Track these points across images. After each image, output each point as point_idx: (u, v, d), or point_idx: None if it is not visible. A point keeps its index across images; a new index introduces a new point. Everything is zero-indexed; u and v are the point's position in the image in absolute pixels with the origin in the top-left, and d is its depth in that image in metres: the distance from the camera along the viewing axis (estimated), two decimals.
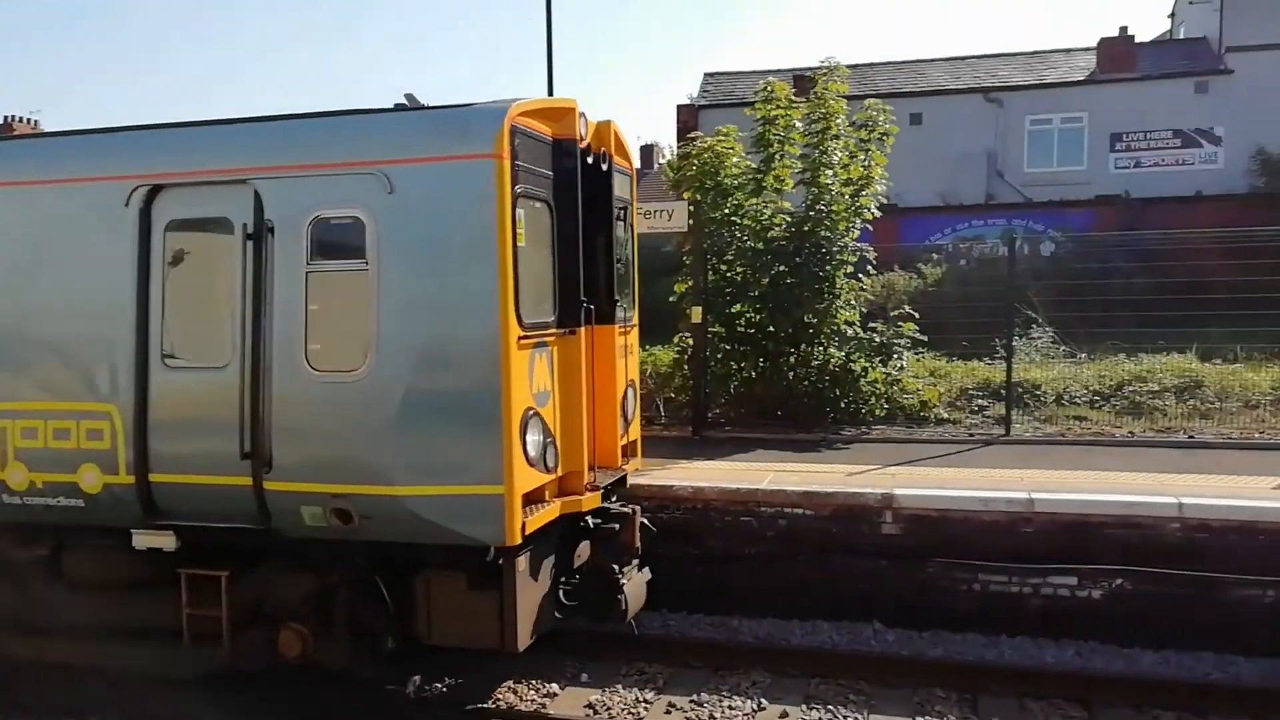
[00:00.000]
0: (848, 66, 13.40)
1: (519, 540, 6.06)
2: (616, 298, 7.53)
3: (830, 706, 6.95)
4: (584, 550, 7.13)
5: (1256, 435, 11.40)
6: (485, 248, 5.95)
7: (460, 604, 6.36)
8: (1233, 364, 13.60)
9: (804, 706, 6.97)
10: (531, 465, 6.23)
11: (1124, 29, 31.85)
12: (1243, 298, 13.12)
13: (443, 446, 6.06)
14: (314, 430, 6.24)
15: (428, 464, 6.05)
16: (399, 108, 6.78)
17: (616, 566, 7.19)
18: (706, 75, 33.29)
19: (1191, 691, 7.00)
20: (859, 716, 6.83)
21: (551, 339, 6.67)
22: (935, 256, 21.31)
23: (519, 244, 6.13)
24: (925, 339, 13.10)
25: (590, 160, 7.11)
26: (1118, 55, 29.38)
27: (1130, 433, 11.74)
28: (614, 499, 7.51)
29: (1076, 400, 12.83)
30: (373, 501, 6.09)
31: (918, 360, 13.61)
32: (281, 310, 6.24)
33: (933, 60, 32.60)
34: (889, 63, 32.30)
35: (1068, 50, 31.71)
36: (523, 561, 6.29)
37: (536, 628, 6.52)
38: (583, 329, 6.94)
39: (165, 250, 6.53)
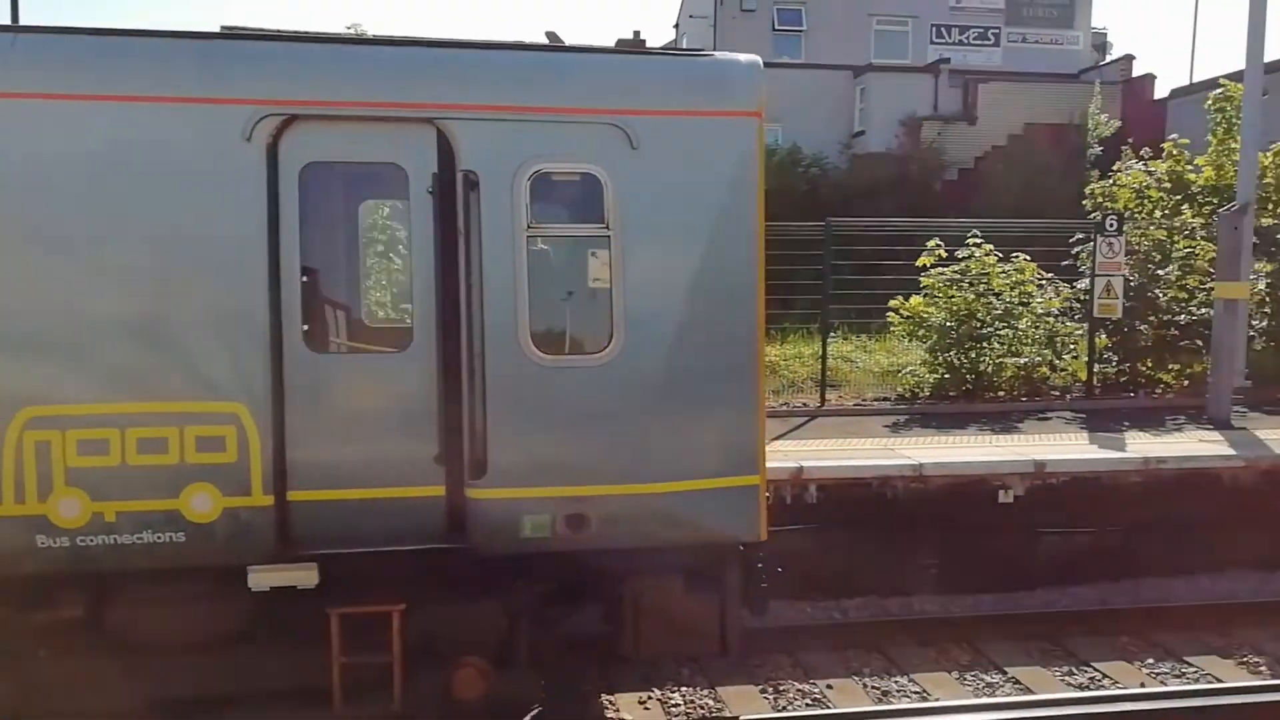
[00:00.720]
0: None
1: (766, 535, 5.77)
2: None
3: None
4: None
5: None
6: (747, 217, 5.61)
7: (676, 611, 5.77)
8: None
9: None
10: None
11: (637, 33, 34.32)
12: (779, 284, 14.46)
13: (703, 436, 5.60)
14: (544, 425, 5.40)
15: (686, 457, 5.55)
16: (585, 49, 5.91)
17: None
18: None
19: None
20: None
21: None
22: None
23: None
24: None
25: None
26: None
27: None
28: None
29: None
30: (621, 503, 5.47)
31: None
32: (491, 281, 5.32)
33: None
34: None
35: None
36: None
37: None
38: None
39: (301, 201, 5.19)
